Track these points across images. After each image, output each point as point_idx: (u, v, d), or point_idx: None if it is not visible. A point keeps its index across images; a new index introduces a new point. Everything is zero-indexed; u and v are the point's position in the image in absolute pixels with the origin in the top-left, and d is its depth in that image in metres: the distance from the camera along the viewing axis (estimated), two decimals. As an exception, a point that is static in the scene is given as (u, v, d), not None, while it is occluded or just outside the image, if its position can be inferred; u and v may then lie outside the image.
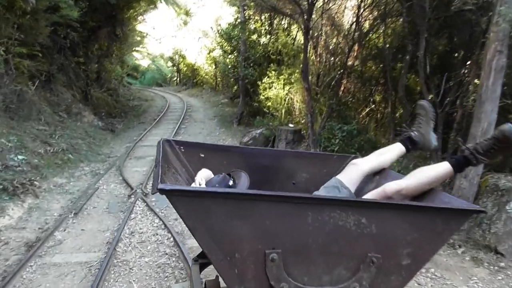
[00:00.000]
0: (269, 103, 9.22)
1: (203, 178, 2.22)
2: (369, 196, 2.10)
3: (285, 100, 9.00)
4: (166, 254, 3.76)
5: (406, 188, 2.00)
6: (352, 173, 2.40)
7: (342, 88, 8.31)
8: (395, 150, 2.48)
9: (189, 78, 24.09)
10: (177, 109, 15.15)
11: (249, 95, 11.63)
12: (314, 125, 6.88)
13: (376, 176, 2.47)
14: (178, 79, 27.35)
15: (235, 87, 13.64)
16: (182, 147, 2.62)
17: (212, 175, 2.41)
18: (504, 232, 3.94)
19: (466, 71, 5.49)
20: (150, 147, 8.70)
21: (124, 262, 3.57)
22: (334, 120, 7.22)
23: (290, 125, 7.99)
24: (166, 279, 3.33)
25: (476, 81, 4.97)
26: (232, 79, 13.42)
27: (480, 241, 4.08)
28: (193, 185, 2.17)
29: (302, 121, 8.25)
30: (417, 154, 5.57)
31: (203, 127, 11.60)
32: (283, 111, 8.86)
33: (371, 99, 8.63)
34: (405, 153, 2.50)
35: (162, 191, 1.51)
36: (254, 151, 2.77)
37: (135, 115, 13.54)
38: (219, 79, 18.79)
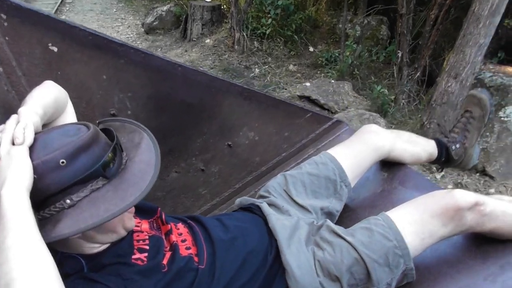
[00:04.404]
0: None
1: (28, 131, 0.74)
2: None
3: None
4: None
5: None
6: (363, 155, 1.33)
7: None
8: (426, 148, 1.53)
9: None
10: (61, -25, 11.81)
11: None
12: (238, 0, 5.13)
13: (384, 173, 1.30)
14: None
15: None
16: (2, 13, 1.08)
17: (65, 116, 1.00)
18: (497, 148, 3.02)
19: None
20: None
21: None
22: (263, -9, 5.48)
23: (206, -1, 6.08)
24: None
25: None
26: None
27: (463, 161, 3.16)
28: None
29: (222, -8, 6.35)
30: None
31: (95, 1, 9.05)
32: (196, -22, 6.74)
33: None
34: (433, 161, 1.58)
35: None
36: (161, 63, 1.31)
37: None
38: None
